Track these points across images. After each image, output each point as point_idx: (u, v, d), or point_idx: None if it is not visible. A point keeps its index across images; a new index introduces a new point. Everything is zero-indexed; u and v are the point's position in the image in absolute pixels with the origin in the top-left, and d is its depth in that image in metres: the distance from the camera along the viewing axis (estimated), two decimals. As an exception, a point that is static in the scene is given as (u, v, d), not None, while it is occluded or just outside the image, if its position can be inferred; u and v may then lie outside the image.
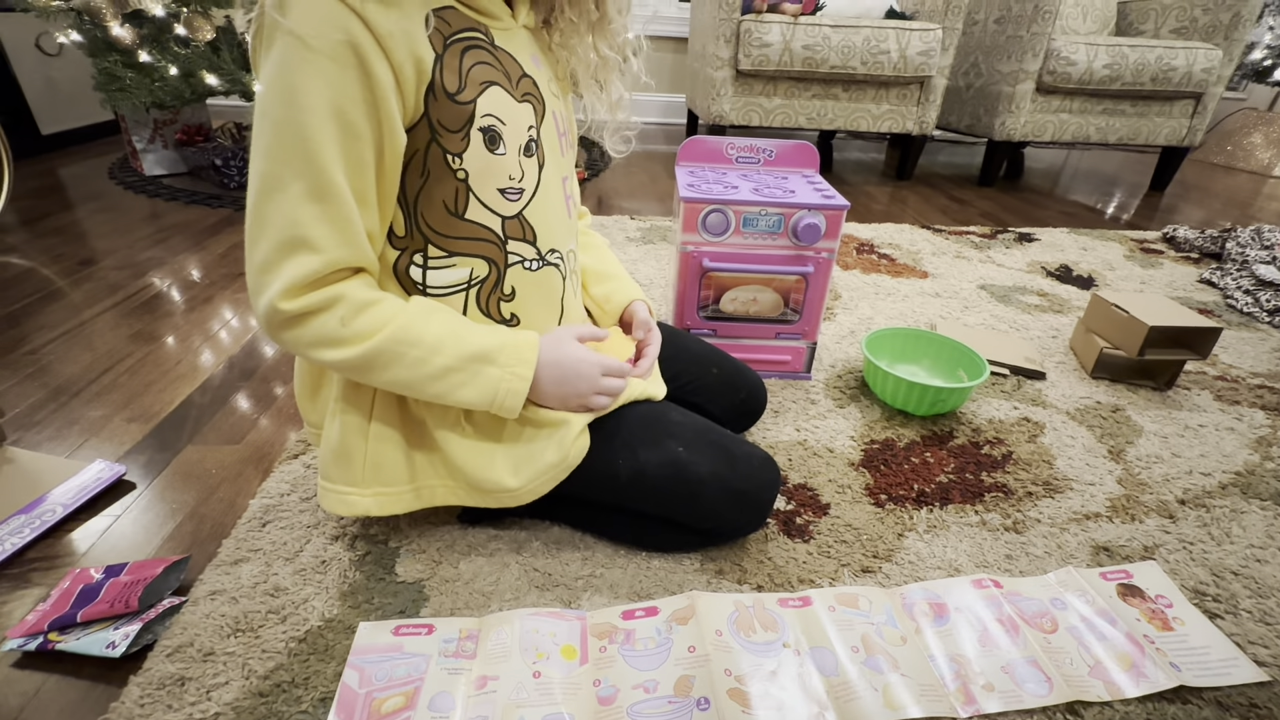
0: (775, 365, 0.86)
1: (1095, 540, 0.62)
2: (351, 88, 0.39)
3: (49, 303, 1.03)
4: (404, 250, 0.48)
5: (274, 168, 0.40)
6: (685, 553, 0.58)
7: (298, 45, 0.38)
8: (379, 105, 0.41)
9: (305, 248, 0.41)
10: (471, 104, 0.45)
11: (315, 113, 0.39)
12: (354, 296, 0.43)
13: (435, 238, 0.48)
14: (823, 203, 0.75)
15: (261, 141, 0.40)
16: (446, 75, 0.43)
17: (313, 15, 0.38)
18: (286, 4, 0.38)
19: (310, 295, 0.42)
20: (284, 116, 0.39)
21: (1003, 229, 1.62)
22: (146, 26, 1.39)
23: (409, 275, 0.49)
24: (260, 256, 0.41)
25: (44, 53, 1.91)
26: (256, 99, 0.41)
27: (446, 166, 0.46)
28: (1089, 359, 0.93)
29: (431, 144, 0.45)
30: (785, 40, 1.79)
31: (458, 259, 0.49)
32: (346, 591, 0.53)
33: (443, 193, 0.47)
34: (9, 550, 0.56)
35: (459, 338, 0.47)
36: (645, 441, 0.55)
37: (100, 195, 1.59)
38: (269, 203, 0.40)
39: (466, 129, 0.45)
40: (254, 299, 0.43)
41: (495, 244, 0.50)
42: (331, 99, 0.39)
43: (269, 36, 0.39)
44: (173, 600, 0.51)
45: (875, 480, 0.69)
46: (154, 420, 0.75)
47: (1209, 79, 1.88)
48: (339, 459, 0.51)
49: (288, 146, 0.39)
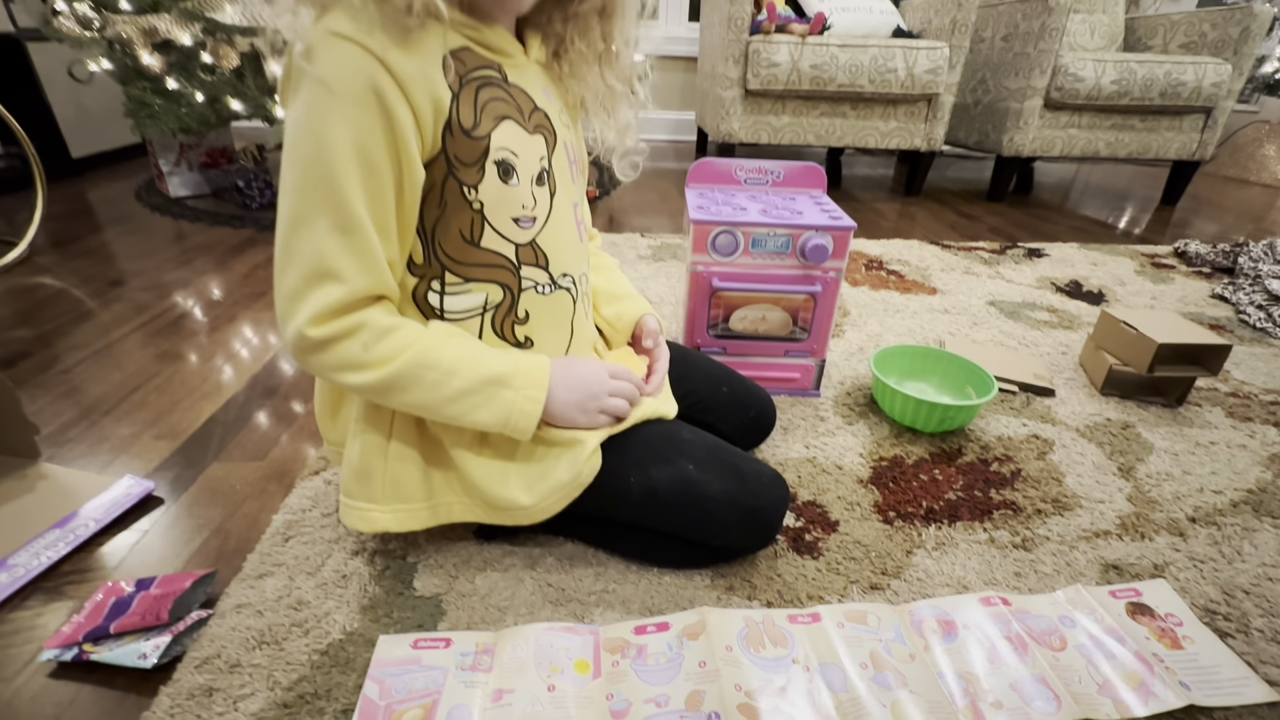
0: (784, 383, 0.88)
1: (1104, 558, 0.63)
2: (374, 129, 0.42)
3: (80, 323, 1.07)
4: (422, 277, 0.50)
5: (301, 204, 0.43)
6: (696, 569, 0.59)
7: (324, 91, 0.41)
8: (399, 144, 0.43)
9: (331, 278, 0.43)
10: (486, 139, 0.47)
11: (340, 152, 0.41)
12: (376, 323, 0.46)
13: (452, 265, 0.50)
14: (830, 223, 0.77)
15: (290, 179, 0.43)
16: (463, 113, 0.46)
17: (338, 63, 0.41)
18: (313, 53, 0.41)
19: (335, 322, 0.44)
20: (311, 156, 0.42)
21: (1012, 244, 1.62)
22: (174, 54, 1.44)
23: (427, 301, 0.51)
24: (289, 286, 0.44)
25: (75, 80, 1.98)
26: (285, 139, 0.43)
27: (463, 198, 0.48)
28: (1099, 376, 0.93)
29: (448, 177, 0.47)
30: (793, 60, 1.82)
31: (473, 285, 0.51)
32: (367, 605, 0.54)
33: (459, 222, 0.49)
34: (45, 564, 0.58)
35: (475, 361, 0.49)
36: (657, 460, 0.57)
37: (128, 217, 1.64)
38: (297, 236, 0.43)
39: (481, 162, 0.48)
40: (282, 325, 0.45)
41: (509, 270, 0.52)
42: (355, 139, 0.42)
43: (296, 81, 0.42)
44: (200, 613, 0.53)
45: (884, 497, 0.70)
46: (181, 438, 0.77)
47: (1219, 93, 1.88)
48: (359, 477, 0.53)
49: (314, 184, 0.42)
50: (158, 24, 1.33)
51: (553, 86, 0.56)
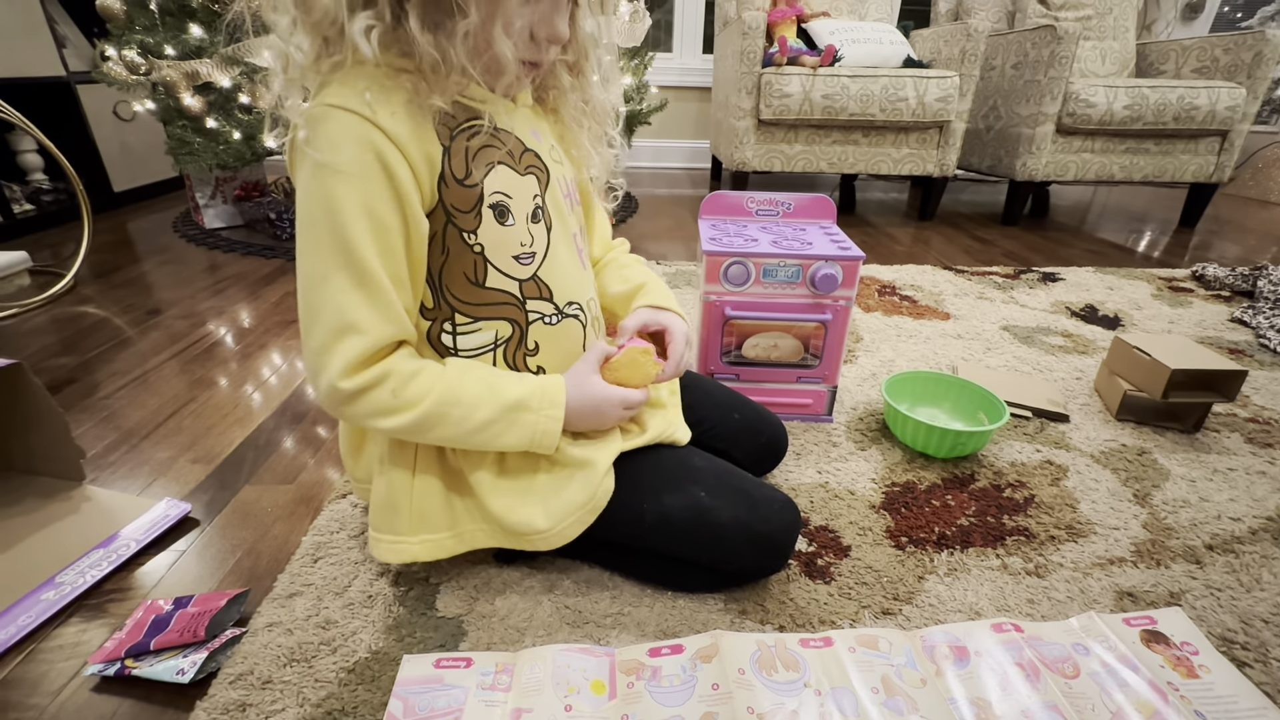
0: (797, 408, 0.89)
1: (1119, 585, 0.63)
2: (379, 189, 0.46)
3: (120, 350, 1.12)
4: (434, 320, 0.54)
5: (319, 265, 0.46)
6: (709, 593, 0.60)
7: (327, 159, 0.45)
8: (402, 200, 0.47)
9: (353, 330, 0.47)
10: (479, 186, 0.51)
11: (350, 215, 0.45)
12: (400, 369, 0.49)
13: (461, 306, 0.54)
14: (839, 254, 0.79)
15: (306, 243, 0.47)
16: (454, 164, 0.49)
17: (337, 140, 0.45)
18: (315, 140, 0.45)
19: (364, 374, 0.47)
20: (323, 221, 0.45)
21: (1026, 269, 1.63)
22: (214, 95, 1.52)
23: (441, 342, 0.55)
24: (315, 342, 0.47)
25: (120, 119, 2.09)
26: (297, 206, 0.47)
27: (464, 243, 0.52)
28: (1113, 401, 0.93)
29: (448, 225, 0.51)
30: (805, 91, 1.86)
31: (483, 323, 0.54)
32: (391, 625, 0.56)
33: (463, 266, 0.52)
34: (89, 582, 0.61)
35: (494, 391, 0.52)
36: (669, 487, 0.58)
37: (165, 248, 1.71)
38: (318, 295, 0.47)
39: (478, 208, 0.51)
40: (314, 380, 0.48)
41: (515, 305, 0.55)
42: (362, 200, 0.45)
43: (302, 157, 0.46)
44: (234, 631, 0.55)
45: (896, 523, 0.70)
46: (215, 461, 0.81)
47: (1234, 116, 1.88)
48: (387, 511, 0.56)
49: (329, 246, 0.46)
50: (200, 68, 1.41)
51: (541, 125, 0.59)
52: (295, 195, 0.47)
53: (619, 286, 0.69)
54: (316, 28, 0.45)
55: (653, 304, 0.65)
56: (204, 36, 1.46)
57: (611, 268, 0.71)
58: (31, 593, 0.60)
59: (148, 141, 2.19)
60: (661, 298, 0.66)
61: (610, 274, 0.71)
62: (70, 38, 2.04)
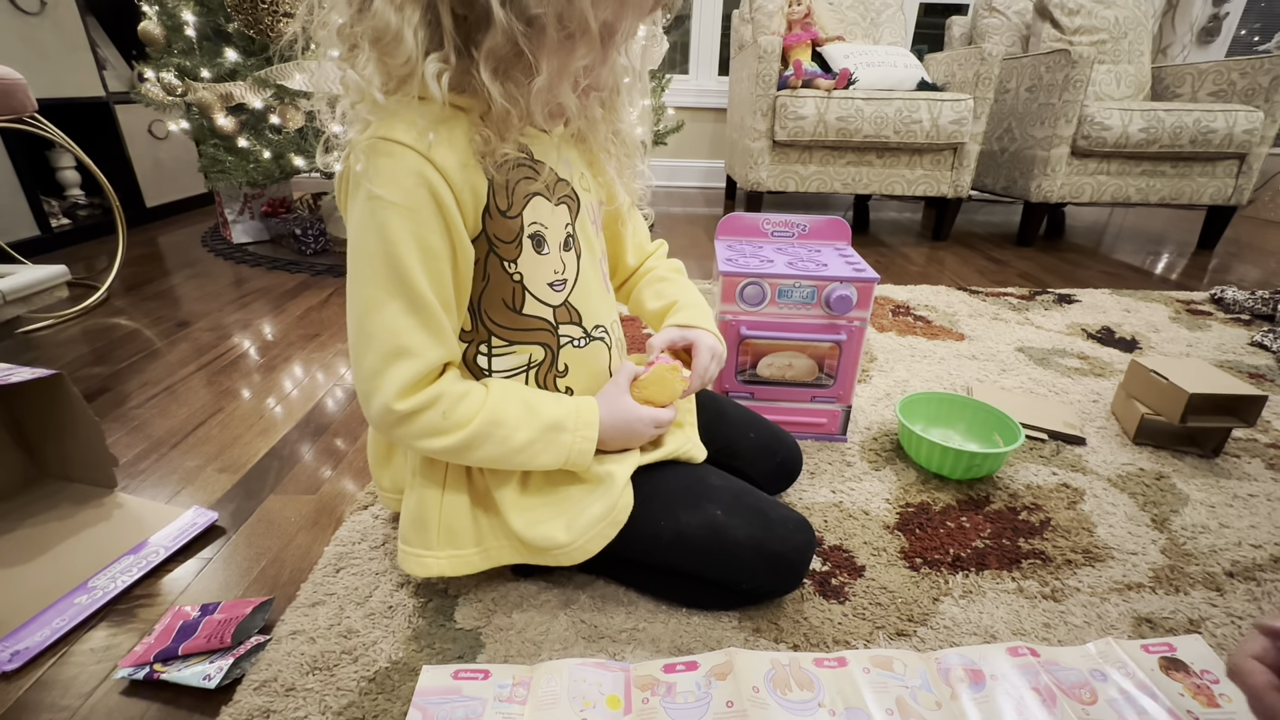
0: (811, 427, 0.90)
1: (1137, 611, 0.62)
2: (429, 219, 0.48)
3: (150, 361, 1.15)
4: (471, 342, 0.56)
5: (373, 291, 0.48)
6: (723, 611, 0.61)
7: (381, 191, 0.47)
8: (451, 228, 0.49)
9: (406, 354, 0.49)
10: (520, 217, 0.53)
11: (403, 244, 0.47)
12: (450, 392, 0.51)
13: (497, 329, 0.56)
14: (854, 275, 0.80)
15: (361, 271, 0.49)
16: (498, 197, 0.52)
17: (394, 174, 0.47)
18: (372, 173, 0.46)
19: (417, 396, 0.50)
20: (378, 250, 0.47)
21: (1041, 290, 1.62)
22: (246, 116, 1.58)
23: (476, 363, 0.57)
24: (369, 365, 0.49)
25: (154, 137, 2.16)
26: (350, 236, 0.49)
27: (504, 271, 0.54)
28: (1131, 424, 0.93)
29: (490, 254, 0.53)
30: (819, 113, 1.88)
31: (517, 346, 0.57)
32: (411, 636, 0.57)
33: (502, 293, 0.55)
34: (120, 587, 0.63)
35: (533, 412, 0.54)
36: (686, 504, 0.60)
37: (194, 262, 1.76)
38: (371, 321, 0.49)
39: (519, 238, 0.53)
40: (366, 402, 0.50)
41: (549, 330, 0.57)
42: (414, 231, 0.47)
43: (355, 184, 0.48)
44: (259, 638, 0.57)
45: (910, 544, 0.70)
46: (241, 471, 0.83)
47: (1252, 140, 1.88)
48: (416, 526, 0.58)
49: (383, 273, 0.48)
50: (234, 90, 1.47)
51: (570, 153, 0.60)
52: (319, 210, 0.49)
53: (654, 303, 0.71)
54: (390, 67, 0.46)
55: (681, 323, 0.67)
56: (239, 60, 1.52)
57: (649, 282, 0.73)
58: (65, 596, 0.62)
59: (179, 159, 2.27)
60: (692, 316, 0.67)
61: (647, 290, 0.72)
62: (110, 60, 2.13)
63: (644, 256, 0.75)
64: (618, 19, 0.48)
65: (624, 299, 0.76)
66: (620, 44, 0.52)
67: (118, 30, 2.15)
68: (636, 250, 0.74)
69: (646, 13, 0.50)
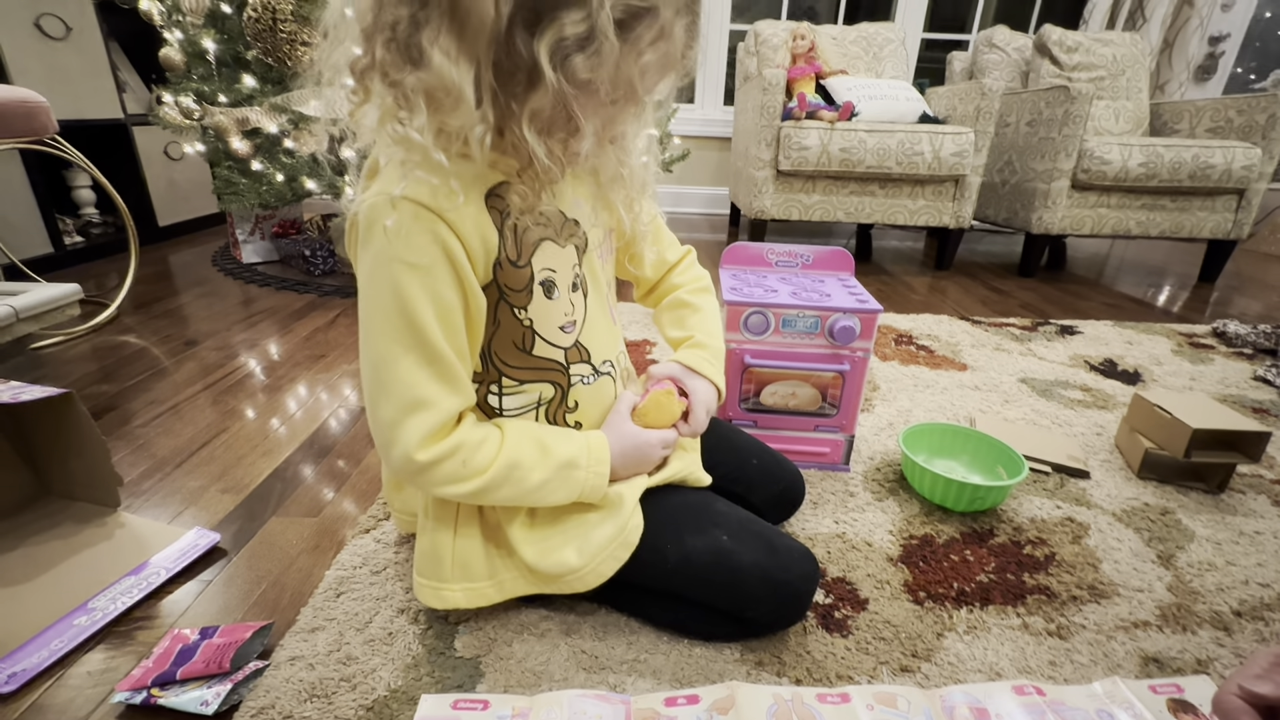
0: (814, 456, 0.90)
1: (1144, 650, 0.61)
2: (441, 273, 0.48)
3: (157, 380, 1.16)
4: (481, 382, 0.57)
5: (388, 345, 0.48)
6: (726, 642, 0.60)
7: (393, 247, 0.47)
8: (464, 282, 0.50)
9: (424, 406, 0.49)
10: (529, 265, 0.54)
11: (417, 299, 0.47)
12: (469, 440, 0.52)
13: (509, 370, 0.57)
14: (857, 306, 0.81)
15: (375, 325, 0.49)
16: (508, 247, 0.52)
17: (407, 231, 0.46)
18: (378, 214, 0.46)
19: (437, 446, 0.50)
20: (391, 305, 0.48)
21: (1044, 321, 1.63)
22: (260, 140, 1.61)
23: (487, 402, 0.58)
24: (386, 417, 0.49)
25: (170, 158, 2.21)
26: (361, 288, 0.49)
27: (514, 318, 0.55)
28: (1135, 458, 0.92)
29: (500, 301, 0.54)
30: (823, 144, 1.92)
31: (528, 385, 0.57)
32: (410, 664, 0.57)
33: (512, 336, 0.55)
34: (120, 609, 0.63)
35: (546, 451, 0.55)
36: (692, 528, 0.60)
37: (204, 281, 1.79)
38: (388, 373, 0.49)
39: (529, 286, 0.54)
40: (386, 452, 0.51)
41: (560, 370, 0.58)
42: (426, 285, 0.48)
43: (365, 237, 0.48)
44: (258, 663, 0.56)
45: (914, 577, 0.70)
46: (244, 492, 0.83)
47: (1250, 175, 1.90)
48: (431, 559, 0.58)
49: (398, 327, 0.48)
50: (250, 115, 1.50)
51: (581, 188, 0.60)
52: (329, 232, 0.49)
53: (674, 331, 0.72)
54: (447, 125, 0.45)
55: (688, 364, 0.67)
56: (256, 86, 1.56)
57: (673, 305, 0.73)
58: (64, 617, 0.61)
59: (193, 179, 2.31)
60: (700, 359, 0.67)
61: (668, 314, 0.73)
62: (130, 83, 2.18)
63: (665, 269, 0.74)
64: (660, 81, 0.49)
65: (649, 305, 0.77)
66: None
67: (139, 53, 2.21)
68: (656, 265, 0.73)
69: (682, 74, 0.51)
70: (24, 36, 1.72)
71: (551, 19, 0.41)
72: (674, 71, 0.49)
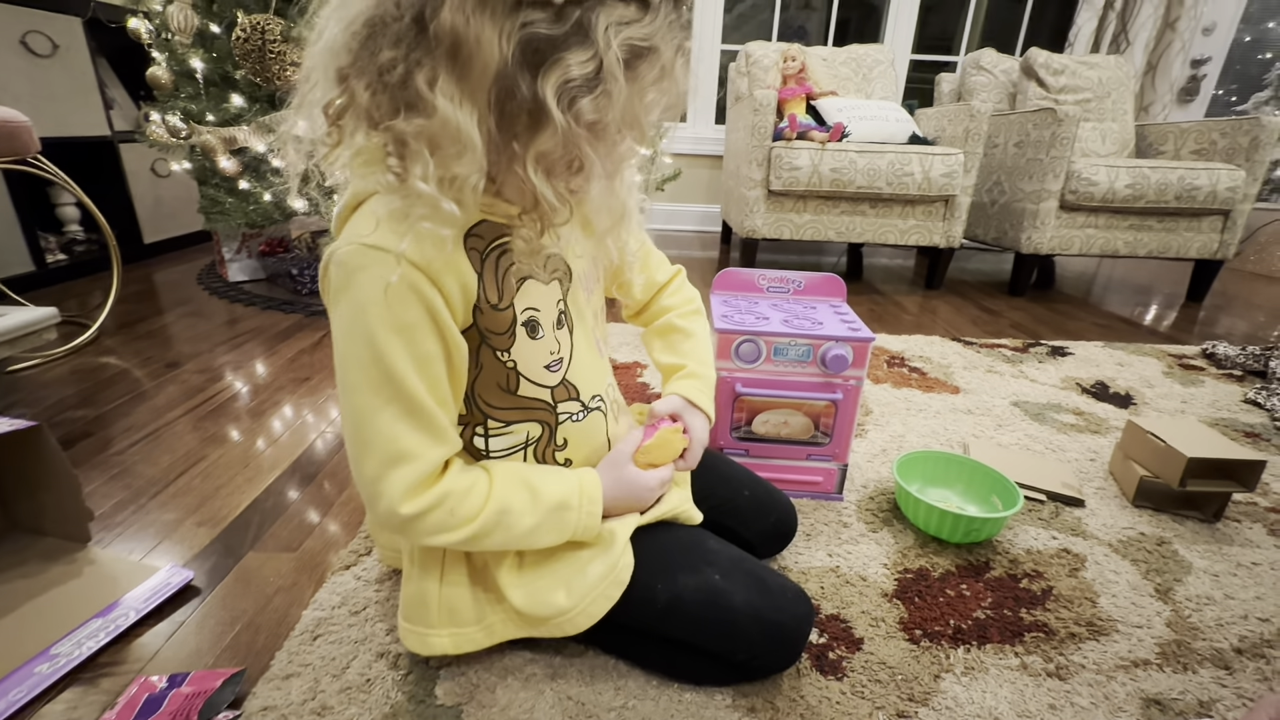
0: (807, 485, 0.88)
1: (1145, 691, 0.60)
2: (418, 323, 0.46)
3: (136, 404, 1.14)
4: (467, 425, 0.55)
5: (367, 399, 0.46)
6: (717, 687, 0.58)
7: (366, 298, 0.44)
8: (442, 329, 0.47)
9: (406, 459, 0.47)
10: (511, 306, 0.52)
11: (393, 352, 0.45)
12: (455, 489, 0.50)
13: (494, 412, 0.55)
14: (849, 335, 0.80)
15: (350, 378, 0.46)
16: (488, 290, 0.50)
17: (375, 271, 0.44)
18: (350, 264, 0.44)
19: (422, 497, 0.48)
20: (368, 358, 0.45)
21: (1035, 342, 1.63)
22: (248, 159, 1.60)
23: (473, 444, 0.56)
24: (369, 472, 0.47)
25: (157, 175, 2.19)
26: (336, 339, 0.47)
27: (497, 360, 0.53)
28: (1129, 486, 0.92)
29: (482, 345, 0.52)
30: (814, 164, 1.92)
31: (515, 426, 0.56)
32: (388, 714, 0.54)
33: (496, 378, 0.54)
34: (85, 654, 0.60)
35: (538, 495, 0.53)
36: (683, 567, 0.58)
37: (189, 300, 1.76)
38: (368, 427, 0.47)
39: (511, 328, 0.52)
40: (371, 505, 0.49)
41: (547, 409, 0.56)
42: (403, 336, 0.45)
43: (338, 288, 0.45)
44: (228, 714, 0.54)
45: (910, 613, 0.68)
46: (221, 524, 0.81)
47: (1235, 196, 1.92)
48: (417, 605, 0.56)
49: (375, 380, 0.46)
50: (237, 134, 1.49)
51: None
52: (317, 250, 0.47)
53: (665, 357, 0.71)
54: (451, 172, 0.43)
55: (687, 396, 0.66)
56: (244, 105, 1.55)
57: (663, 330, 0.72)
58: (25, 664, 0.59)
59: (180, 196, 2.29)
60: (695, 389, 0.66)
61: (659, 340, 0.72)
62: (118, 100, 2.16)
63: (655, 290, 0.72)
64: (663, 117, 0.48)
65: (638, 324, 0.76)
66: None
67: (127, 70, 2.20)
68: (646, 288, 0.72)
69: (681, 108, 0.50)
70: (10, 54, 1.70)
71: (556, 60, 0.40)
72: (677, 105, 0.48)
